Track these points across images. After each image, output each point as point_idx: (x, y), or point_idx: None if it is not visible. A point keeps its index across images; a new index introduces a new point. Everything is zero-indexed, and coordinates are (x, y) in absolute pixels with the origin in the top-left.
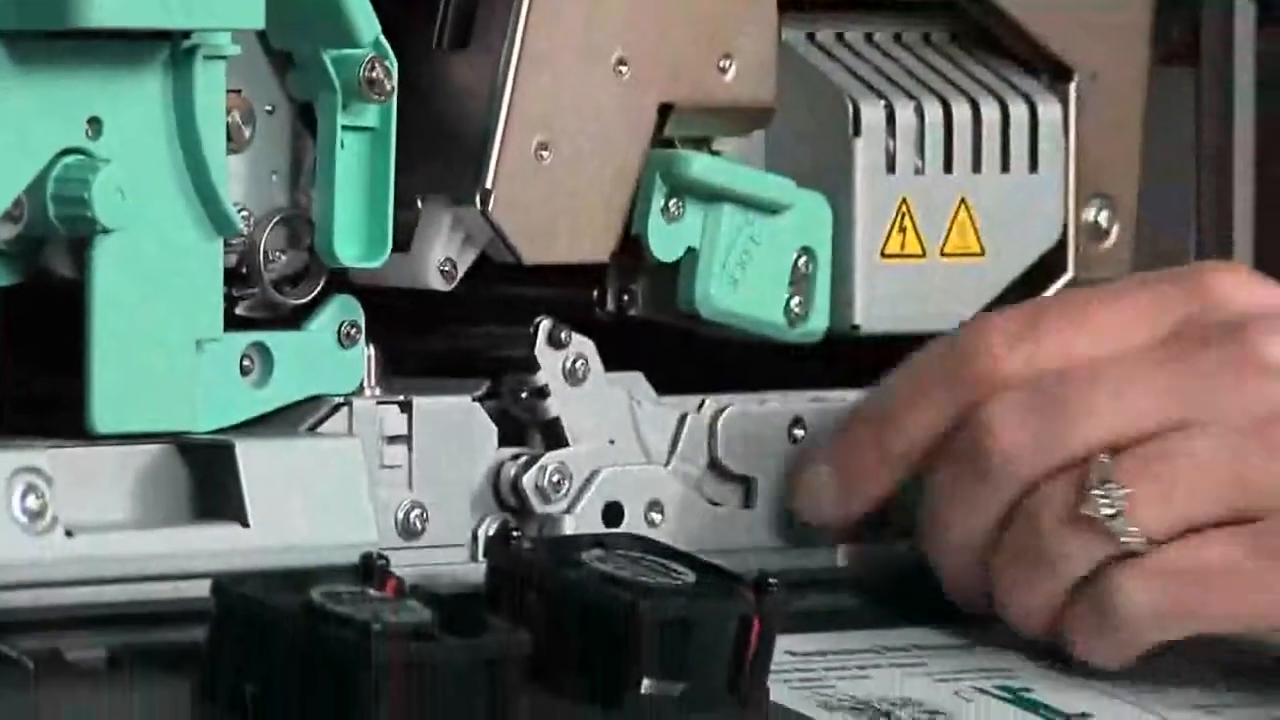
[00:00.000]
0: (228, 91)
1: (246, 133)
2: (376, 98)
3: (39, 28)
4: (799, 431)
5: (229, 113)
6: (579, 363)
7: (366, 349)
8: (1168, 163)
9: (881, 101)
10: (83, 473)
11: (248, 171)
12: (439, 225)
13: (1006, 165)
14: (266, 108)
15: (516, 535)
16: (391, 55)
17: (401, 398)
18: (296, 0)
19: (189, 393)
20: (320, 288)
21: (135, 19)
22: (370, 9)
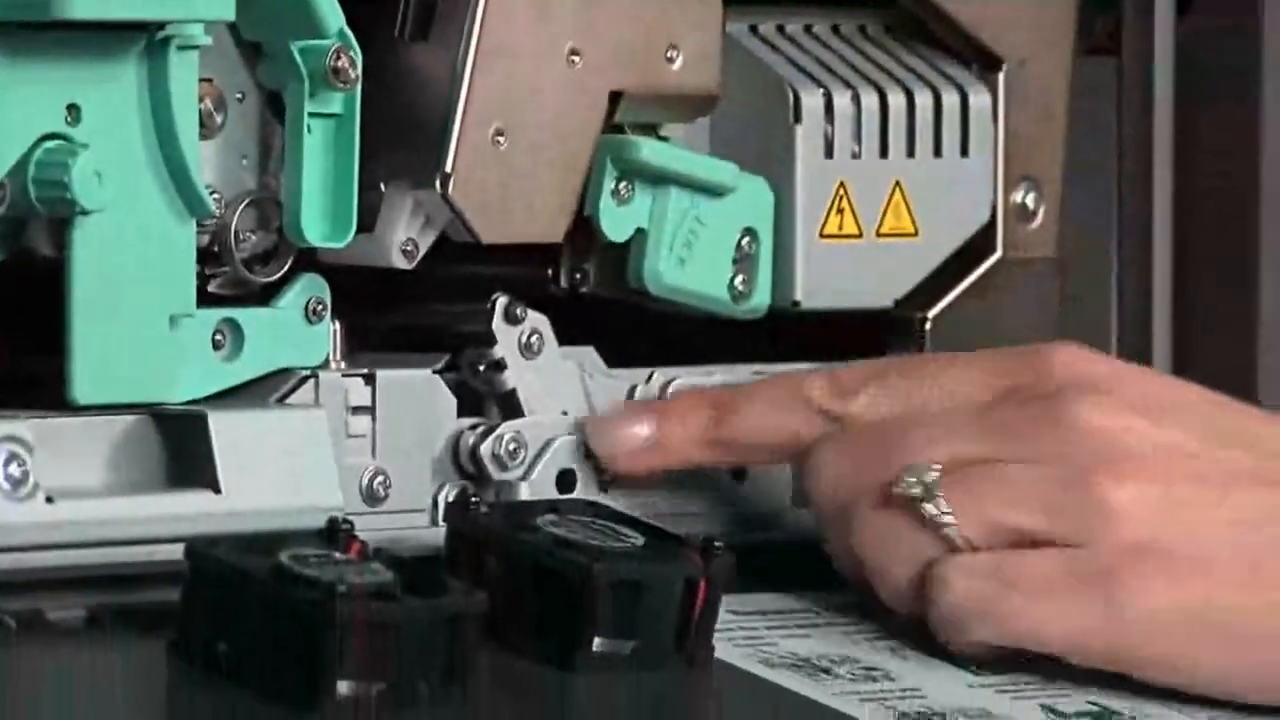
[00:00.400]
0: (200, 80)
1: (218, 119)
2: (342, 86)
3: (22, 19)
4: None
5: (201, 100)
6: (534, 337)
7: (332, 324)
8: (1091, 148)
9: (820, 90)
10: (63, 442)
11: (219, 156)
12: (401, 207)
13: (939, 150)
14: (237, 95)
15: (475, 501)
16: (356, 46)
17: (366, 370)
18: None
19: (164, 366)
20: (288, 266)
21: (113, 11)
22: (335, 2)
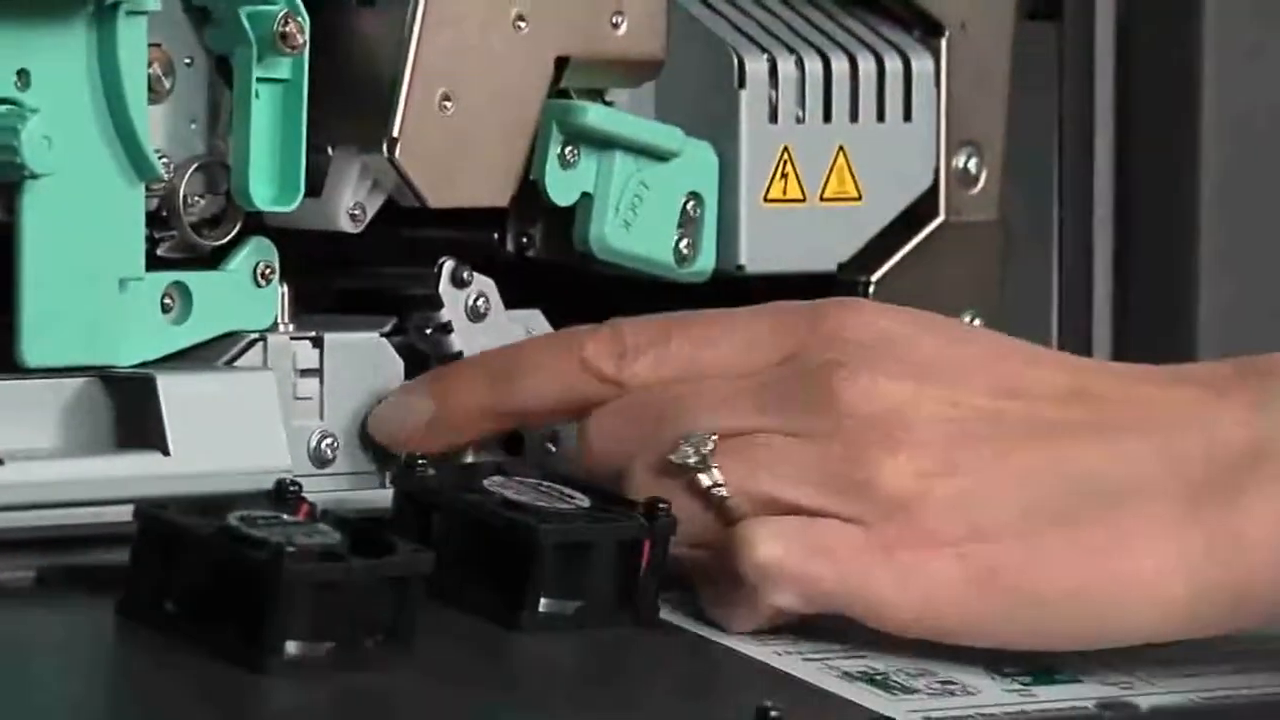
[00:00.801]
0: (149, 45)
1: (167, 84)
2: (289, 51)
3: None
4: None
5: (150, 65)
6: (480, 300)
7: (280, 288)
8: (1033, 113)
9: (765, 55)
10: (12, 404)
11: (168, 120)
12: (349, 171)
13: (882, 115)
14: (186, 60)
15: (422, 463)
16: (304, 11)
17: (313, 333)
18: None
19: (113, 329)
20: (237, 230)
21: None
22: None
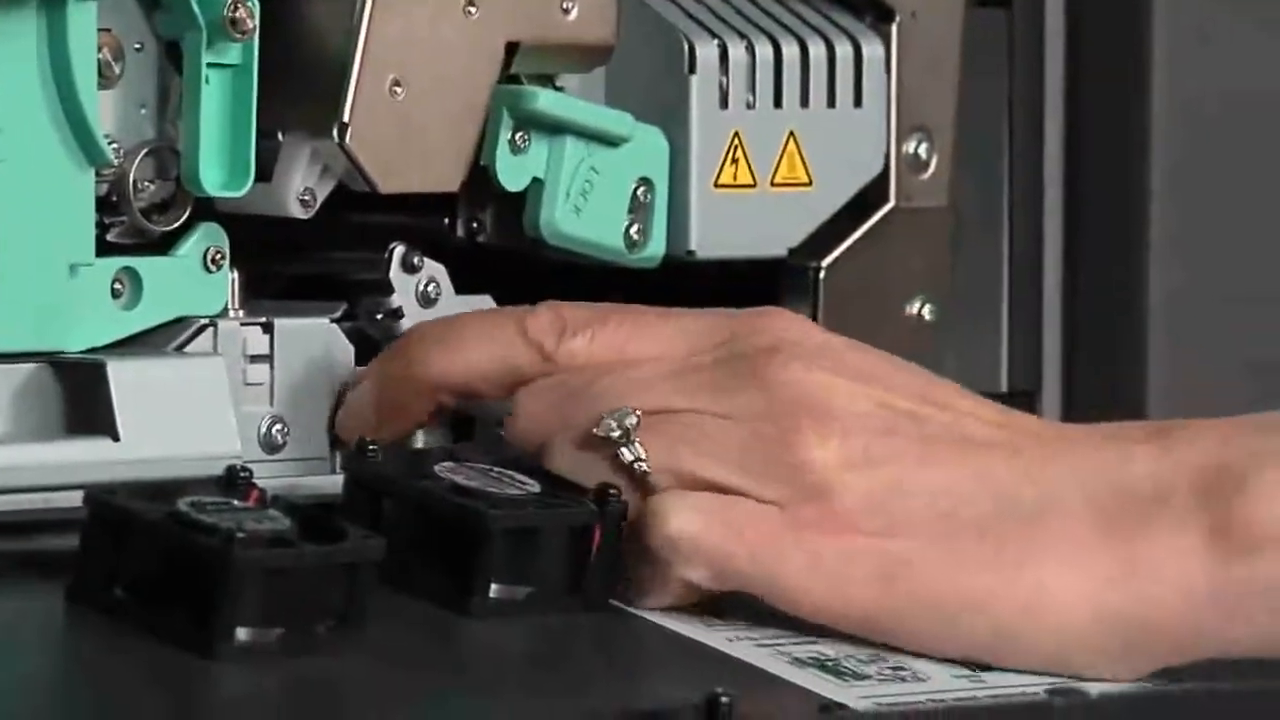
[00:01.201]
0: (99, 30)
1: (117, 69)
2: (239, 36)
3: None
4: None
5: (100, 50)
6: (431, 286)
7: (231, 273)
8: (983, 99)
9: (715, 41)
10: None
11: (118, 106)
12: (299, 157)
13: (832, 101)
14: (135, 45)
15: (373, 449)
16: None
17: (264, 319)
18: None
19: (63, 314)
20: (187, 215)
21: None
22: None
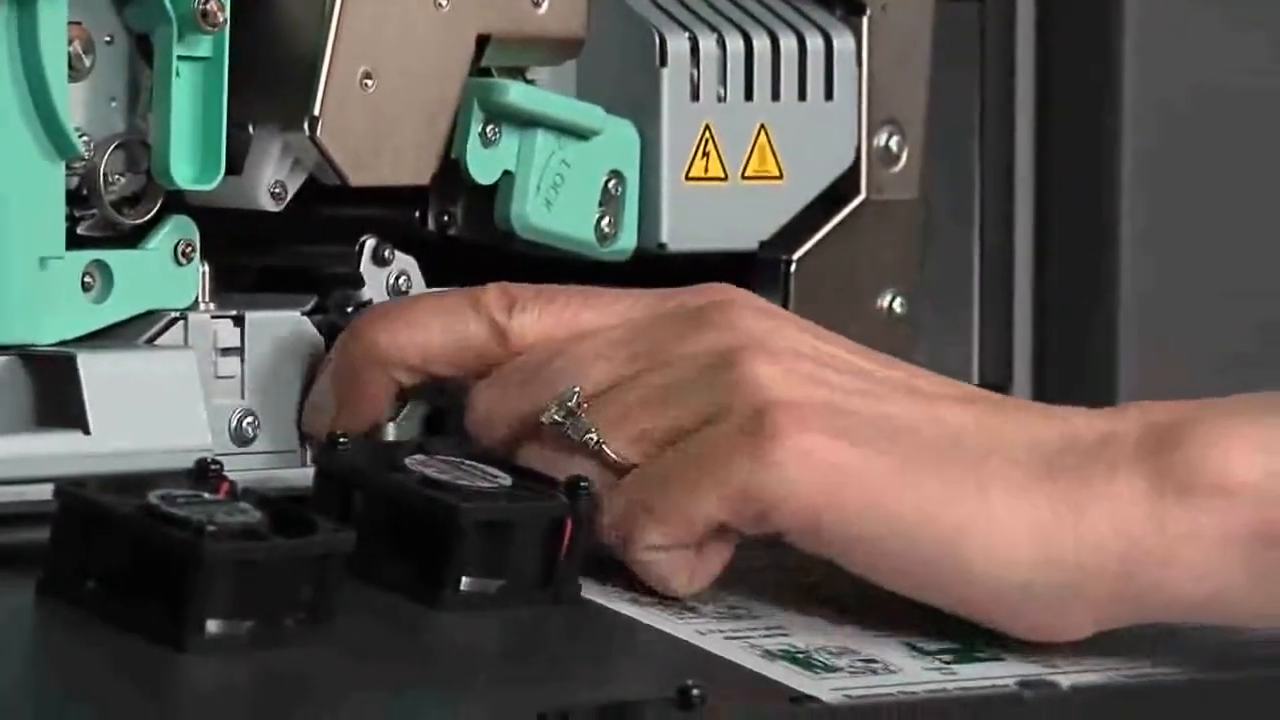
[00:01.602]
0: (69, 23)
1: (87, 62)
2: (210, 29)
3: None
4: None
5: (70, 43)
6: (402, 279)
7: (201, 266)
8: (954, 92)
9: (686, 33)
10: None
11: (88, 98)
12: (269, 150)
13: (803, 94)
14: (106, 38)
15: (343, 441)
16: None
17: (234, 312)
18: None
19: (33, 307)
20: (157, 208)
21: None
22: None
